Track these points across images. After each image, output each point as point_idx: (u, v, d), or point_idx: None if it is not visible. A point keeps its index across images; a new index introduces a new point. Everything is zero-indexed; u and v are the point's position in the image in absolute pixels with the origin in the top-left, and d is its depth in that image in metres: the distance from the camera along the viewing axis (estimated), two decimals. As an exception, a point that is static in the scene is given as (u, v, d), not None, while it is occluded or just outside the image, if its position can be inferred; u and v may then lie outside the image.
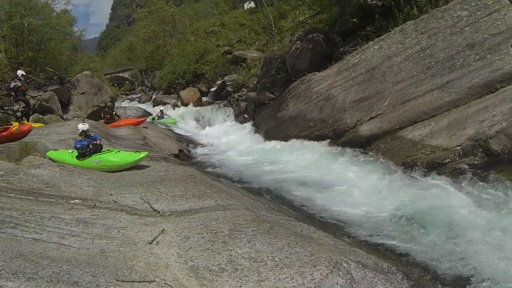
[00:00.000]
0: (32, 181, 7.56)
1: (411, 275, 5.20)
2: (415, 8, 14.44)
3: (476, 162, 9.19)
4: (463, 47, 11.39)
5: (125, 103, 44.54)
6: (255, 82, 22.23)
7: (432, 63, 11.69)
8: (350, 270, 4.48)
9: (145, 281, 4.35)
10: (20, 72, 16.39)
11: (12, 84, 15.97)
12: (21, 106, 16.39)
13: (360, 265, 4.71)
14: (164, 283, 4.33)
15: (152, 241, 5.39)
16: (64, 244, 5.07)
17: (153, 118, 25.41)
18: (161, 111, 26.53)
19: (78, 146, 9.98)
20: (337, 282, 4.23)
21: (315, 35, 17.64)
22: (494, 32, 11.12)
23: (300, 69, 17.49)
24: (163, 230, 5.75)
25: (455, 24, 11.91)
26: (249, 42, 37.03)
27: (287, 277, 4.22)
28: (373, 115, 12.13)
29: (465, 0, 12.28)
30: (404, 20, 13.96)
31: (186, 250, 5.07)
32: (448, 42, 11.74)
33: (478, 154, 9.29)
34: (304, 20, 25.15)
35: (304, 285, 4.06)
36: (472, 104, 10.35)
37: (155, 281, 4.38)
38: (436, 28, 12.24)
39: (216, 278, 4.36)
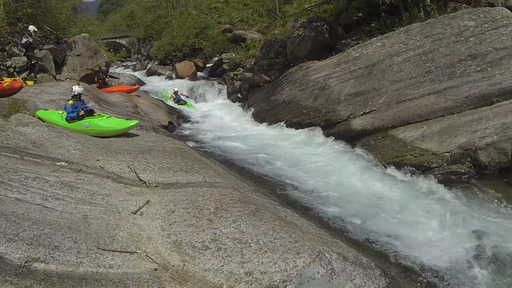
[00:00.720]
0: (19, 139, 7.46)
1: (389, 273, 5.25)
2: (422, 11, 14.41)
3: (463, 171, 9.28)
4: (466, 56, 11.40)
5: (119, 70, 44.05)
6: (252, 63, 22.04)
7: (433, 68, 11.69)
8: (331, 261, 4.50)
9: (127, 252, 4.34)
10: (32, 28, 16.18)
11: (24, 40, 15.81)
12: (31, 62, 16.26)
13: (341, 257, 4.74)
14: (146, 255, 4.32)
15: (136, 211, 5.37)
16: (47, 207, 5.02)
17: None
18: (176, 92, 21.93)
19: (68, 118, 9.91)
20: (318, 272, 4.25)
21: (318, 23, 17.51)
22: (498, 47, 11.14)
23: (300, 55, 17.41)
24: (148, 201, 5.72)
25: (460, 33, 11.91)
26: (250, 23, 36.69)
27: (270, 261, 4.23)
28: (367, 111, 12.13)
29: (474, 11, 12.31)
30: (410, 21, 13.94)
31: (170, 224, 5.05)
32: (452, 49, 11.74)
33: (466, 163, 9.37)
34: (309, 8, 25.00)
35: (286, 271, 4.08)
36: (467, 114, 10.40)
37: (137, 252, 4.37)
38: (442, 34, 12.22)
39: (198, 255, 4.35)
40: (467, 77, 11.05)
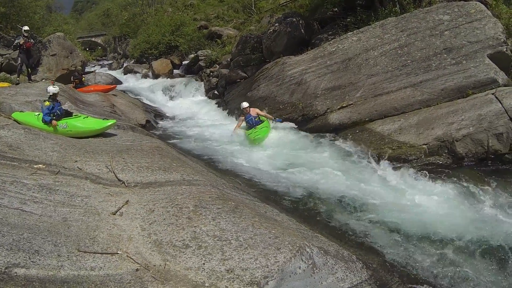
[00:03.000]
0: (-5, 143, 7.36)
1: (370, 265, 5.32)
2: (397, 5, 14.55)
3: (440, 162, 9.50)
4: (441, 50, 11.59)
5: (95, 69, 43.55)
6: (229, 59, 21.97)
7: (408, 61, 11.85)
8: (312, 256, 4.56)
9: (107, 253, 4.32)
10: (24, 28, 16.01)
11: (15, 42, 15.75)
12: (17, 63, 16.24)
13: (322, 251, 4.79)
14: (127, 256, 4.31)
15: (116, 212, 5.35)
16: (25, 211, 4.96)
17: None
18: (246, 109, 13.44)
19: (46, 119, 9.78)
20: (300, 267, 4.30)
21: (294, 19, 17.52)
22: (472, 40, 11.34)
23: (275, 51, 17.41)
24: (127, 201, 5.70)
25: (435, 27, 12.08)
26: (226, 19, 36.46)
27: (251, 257, 4.27)
28: (344, 105, 12.25)
29: (449, 5, 12.49)
30: (385, 16, 14.06)
31: (150, 224, 5.05)
32: (427, 43, 11.91)
33: (443, 154, 9.61)
34: (285, 3, 25.01)
35: (267, 267, 4.12)
36: (443, 106, 10.60)
37: (118, 253, 4.36)
38: (417, 28, 12.39)
39: (179, 254, 4.36)
40: (443, 70, 11.23)
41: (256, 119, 13.15)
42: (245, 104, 13.36)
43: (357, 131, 11.40)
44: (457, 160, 9.45)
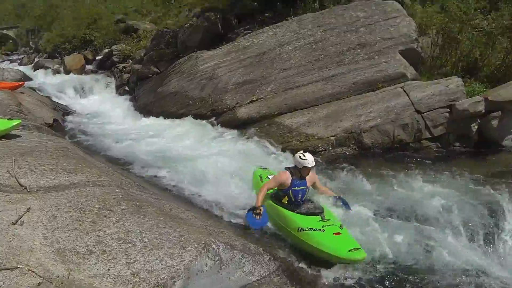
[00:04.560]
0: None
1: (278, 256, 5.45)
2: (317, 2, 14.85)
3: (347, 153, 10.06)
4: (355, 45, 12.16)
5: (4, 64, 41.16)
6: (142, 54, 21.50)
7: (322, 56, 12.27)
8: (219, 252, 4.60)
9: (7, 269, 4.08)
10: None
11: None
12: None
13: (228, 247, 4.84)
14: (28, 269, 4.09)
15: (16, 221, 5.04)
16: None
17: None
18: (308, 170, 6.80)
19: None
20: (206, 264, 4.33)
21: (212, 13, 17.47)
22: (386, 37, 12.02)
23: (190, 46, 17.26)
24: (29, 208, 5.40)
25: (352, 23, 12.66)
26: (144, 13, 35.70)
27: (156, 259, 4.22)
28: (254, 99, 12.46)
29: (366, 3, 13.21)
30: (304, 11, 14.40)
31: (52, 231, 4.82)
32: (342, 38, 12.42)
33: (350, 145, 10.16)
34: (204, -3, 24.77)
35: (173, 267, 4.11)
36: (353, 99, 11.13)
37: (18, 267, 4.13)
38: (333, 23, 12.90)
39: (83, 262, 4.21)
40: (355, 64, 11.77)
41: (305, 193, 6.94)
42: (310, 161, 6.74)
43: (266, 124, 11.65)
44: (364, 150, 10.02)
